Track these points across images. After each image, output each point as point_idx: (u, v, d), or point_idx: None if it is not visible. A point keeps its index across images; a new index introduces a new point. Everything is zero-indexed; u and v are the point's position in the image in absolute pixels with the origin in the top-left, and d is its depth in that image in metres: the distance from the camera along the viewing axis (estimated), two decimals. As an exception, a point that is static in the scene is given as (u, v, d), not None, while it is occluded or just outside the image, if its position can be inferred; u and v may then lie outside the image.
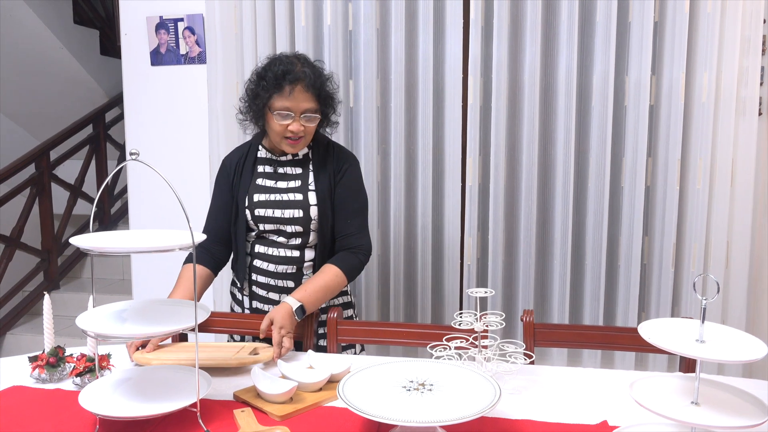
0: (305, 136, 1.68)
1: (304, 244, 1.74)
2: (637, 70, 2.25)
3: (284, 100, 1.63)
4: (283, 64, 1.65)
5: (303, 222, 1.71)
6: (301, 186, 1.73)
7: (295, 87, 1.63)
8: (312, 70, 1.67)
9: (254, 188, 1.74)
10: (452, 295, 2.44)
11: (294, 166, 1.76)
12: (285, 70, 1.64)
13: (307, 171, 1.75)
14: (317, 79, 1.66)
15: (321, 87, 1.67)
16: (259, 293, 1.78)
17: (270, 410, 1.24)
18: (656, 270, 2.31)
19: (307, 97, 1.64)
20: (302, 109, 1.64)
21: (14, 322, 3.78)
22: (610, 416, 1.22)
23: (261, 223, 1.72)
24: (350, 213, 1.75)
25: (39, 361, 1.40)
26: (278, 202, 1.72)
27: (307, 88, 1.64)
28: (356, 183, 1.79)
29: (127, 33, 2.74)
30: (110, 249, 1.12)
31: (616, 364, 2.36)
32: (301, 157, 1.76)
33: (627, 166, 2.30)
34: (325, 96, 1.69)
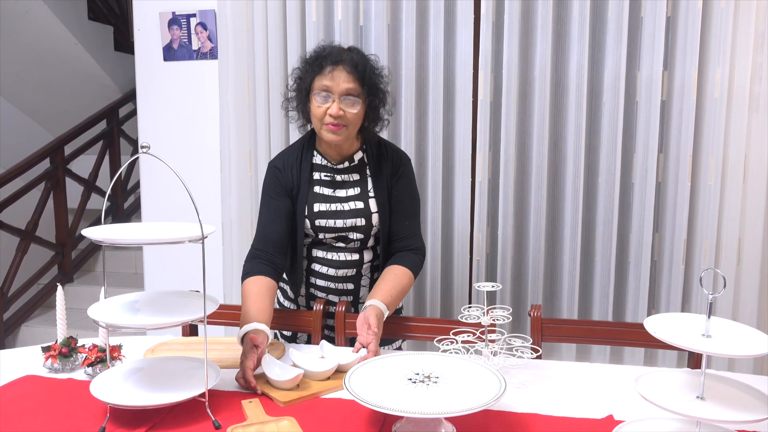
0: (348, 126, 1.59)
1: (363, 248, 1.72)
2: (648, 66, 2.24)
3: (324, 79, 1.57)
4: (328, 48, 1.62)
5: (365, 230, 1.69)
6: (361, 193, 1.69)
7: (336, 67, 1.57)
8: (359, 55, 1.60)
9: (313, 197, 1.68)
10: (461, 290, 2.44)
11: (351, 172, 1.70)
12: (329, 52, 1.60)
13: (365, 177, 1.71)
14: (361, 62, 1.59)
15: (364, 71, 1.58)
16: (318, 295, 1.75)
17: (275, 396, 1.28)
18: (666, 267, 2.30)
19: (348, 78, 1.56)
20: (342, 89, 1.56)
21: (29, 314, 3.83)
22: (615, 411, 1.22)
23: (322, 232, 1.68)
24: (408, 214, 1.74)
25: (52, 351, 1.43)
26: (339, 212, 1.67)
27: (349, 70, 1.57)
28: (411, 183, 1.77)
29: (140, 29, 2.77)
30: (121, 240, 1.13)
31: (626, 360, 2.35)
32: (357, 162, 1.70)
33: (638, 162, 2.29)
34: (370, 82, 1.59)
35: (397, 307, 1.79)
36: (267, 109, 2.54)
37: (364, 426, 1.17)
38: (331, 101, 1.57)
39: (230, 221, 2.61)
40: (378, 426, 1.16)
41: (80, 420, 1.19)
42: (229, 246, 2.62)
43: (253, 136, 2.59)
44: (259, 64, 2.52)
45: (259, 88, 2.54)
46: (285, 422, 1.17)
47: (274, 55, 2.51)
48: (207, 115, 2.72)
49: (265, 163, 2.58)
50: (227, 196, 2.62)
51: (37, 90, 4.53)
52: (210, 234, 1.19)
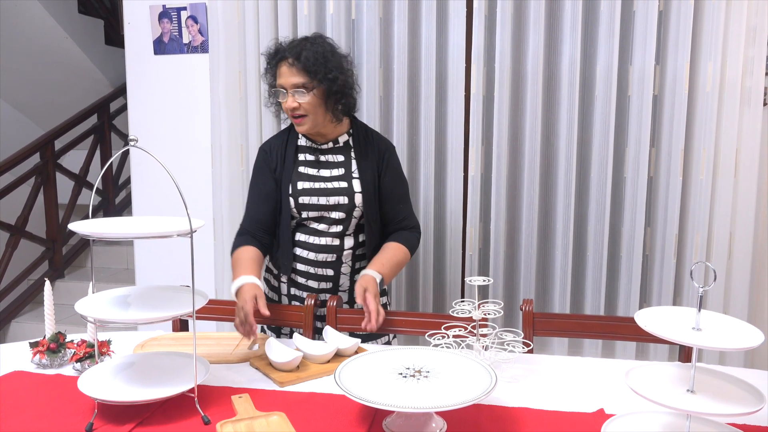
0: (308, 115, 1.67)
1: (344, 233, 1.76)
2: (641, 60, 2.24)
3: (278, 78, 1.68)
4: (281, 45, 1.70)
5: (347, 209, 1.73)
6: (345, 174, 1.75)
7: (283, 63, 1.66)
8: (302, 46, 1.66)
9: (297, 176, 1.75)
10: (454, 284, 2.44)
11: (335, 153, 1.77)
12: (276, 50, 1.69)
13: (349, 158, 1.77)
14: (304, 53, 1.64)
15: (307, 61, 1.63)
16: (299, 280, 1.79)
17: (274, 376, 1.34)
18: (658, 261, 2.31)
19: (292, 71, 1.64)
20: (290, 84, 1.65)
21: (19, 310, 3.81)
22: (606, 404, 1.22)
23: (304, 210, 1.73)
24: (400, 199, 1.82)
25: (40, 347, 1.41)
26: (323, 190, 1.73)
27: (291, 63, 1.64)
28: (399, 169, 1.84)
29: (131, 22, 2.74)
30: (109, 234, 1.12)
31: (617, 354, 2.36)
32: (341, 144, 1.77)
33: (630, 157, 2.29)
34: (314, 69, 1.64)
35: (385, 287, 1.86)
36: (258, 103, 2.53)
37: (354, 421, 1.16)
38: (287, 96, 1.66)
39: (221, 216, 2.59)
40: (368, 421, 1.16)
41: (68, 416, 1.18)
42: (221, 241, 2.61)
43: (244, 130, 2.57)
44: (251, 58, 2.51)
45: (250, 82, 2.52)
46: (275, 417, 1.16)
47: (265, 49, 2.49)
48: (198, 110, 2.71)
49: (256, 157, 2.56)
50: (218, 191, 2.60)
51: (27, 84, 4.49)
52: (199, 228, 1.18)
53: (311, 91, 1.65)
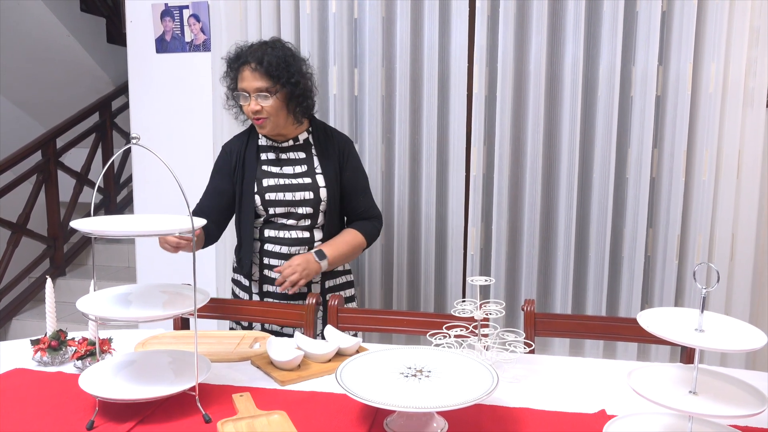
0: (270, 117, 1.73)
1: (313, 225, 1.82)
2: (643, 61, 2.23)
3: (239, 81, 1.73)
4: (241, 50, 1.75)
5: (313, 203, 1.79)
6: (308, 170, 1.81)
7: (245, 67, 1.71)
8: (264, 51, 1.71)
9: (262, 174, 1.80)
10: (455, 284, 2.44)
11: (297, 151, 1.83)
12: (238, 54, 1.74)
13: (310, 155, 1.83)
14: (267, 57, 1.69)
15: (270, 65, 1.69)
16: (272, 277, 1.81)
17: (275, 375, 1.34)
18: (660, 262, 2.30)
19: (256, 76, 1.70)
20: (253, 88, 1.70)
21: (20, 307, 3.81)
22: (608, 405, 1.22)
23: (271, 207, 1.78)
24: (361, 191, 1.89)
25: (41, 345, 1.41)
26: (288, 186, 1.79)
27: (254, 67, 1.70)
28: (359, 162, 1.92)
29: (133, 20, 2.74)
30: (110, 232, 1.12)
31: (618, 355, 2.36)
32: (302, 142, 1.83)
33: (632, 157, 2.29)
34: (276, 73, 1.70)
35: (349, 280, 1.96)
36: (260, 102, 2.53)
37: (355, 420, 1.16)
38: (249, 99, 1.72)
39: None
40: (369, 420, 1.16)
41: (69, 413, 1.18)
42: (222, 239, 2.60)
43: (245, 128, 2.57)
44: (253, 56, 2.50)
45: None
46: (276, 416, 1.16)
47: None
48: (200, 108, 2.70)
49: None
50: (220, 190, 2.60)
51: (29, 82, 4.49)
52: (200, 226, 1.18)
53: (274, 95, 1.71)
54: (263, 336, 1.60)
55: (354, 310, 1.71)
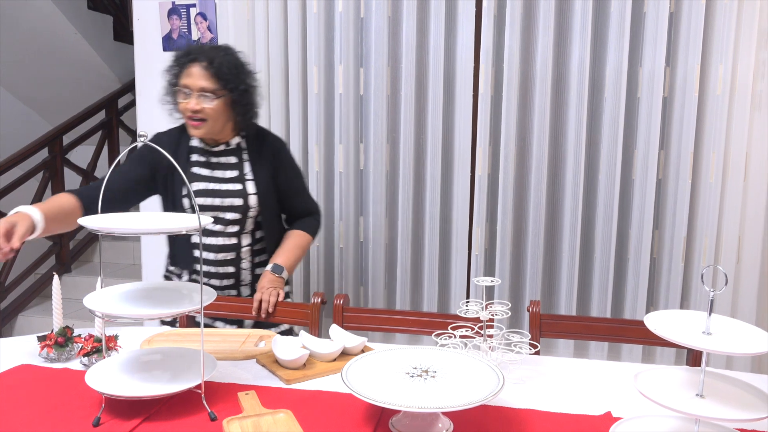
0: (208, 120, 1.68)
1: (241, 232, 1.80)
2: (651, 62, 2.23)
3: (184, 77, 1.68)
4: (191, 48, 1.72)
5: (242, 210, 1.77)
6: (239, 176, 1.78)
7: (193, 65, 1.67)
8: (216, 53, 1.68)
9: (191, 177, 1.77)
10: (459, 285, 2.44)
11: (228, 155, 1.79)
12: (188, 51, 1.70)
13: (242, 160, 1.80)
14: (218, 59, 1.67)
15: (220, 67, 1.66)
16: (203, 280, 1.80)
17: (280, 374, 1.34)
18: (666, 264, 2.29)
19: (204, 75, 1.66)
20: (198, 86, 1.66)
21: (26, 303, 3.83)
22: (614, 407, 1.21)
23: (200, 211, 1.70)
24: (297, 191, 1.89)
25: (47, 341, 1.42)
26: (217, 191, 1.76)
27: (204, 68, 1.66)
28: (293, 163, 1.89)
29: (140, 18, 2.75)
30: (117, 230, 1.12)
31: (623, 357, 2.35)
32: (234, 146, 1.79)
33: (639, 159, 2.28)
34: (225, 77, 1.67)
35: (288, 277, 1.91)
36: (267, 100, 2.53)
37: (361, 420, 1.16)
38: (190, 97, 1.67)
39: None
40: (375, 420, 1.16)
41: (75, 410, 1.18)
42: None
43: (252, 127, 2.57)
44: (260, 55, 2.51)
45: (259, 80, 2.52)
46: (281, 415, 1.16)
47: (274, 47, 2.49)
48: (206, 106, 2.70)
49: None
50: (226, 188, 2.60)
51: (36, 79, 4.50)
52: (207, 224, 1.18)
53: (219, 98, 1.68)
54: (269, 335, 1.60)
55: (359, 310, 1.71)
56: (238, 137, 1.80)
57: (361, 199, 2.51)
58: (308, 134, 2.49)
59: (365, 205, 2.49)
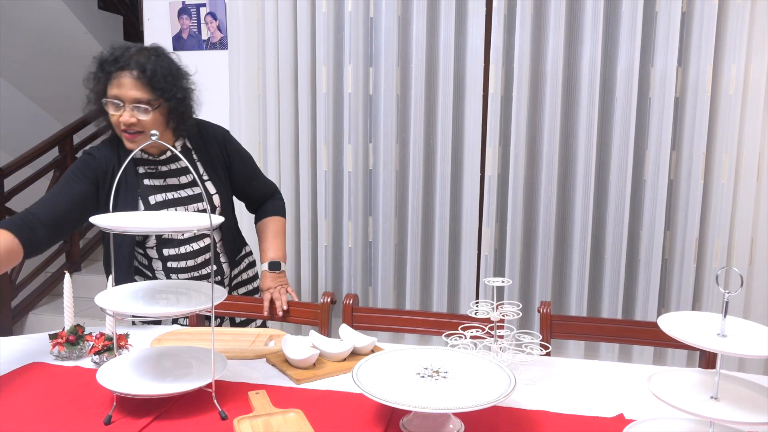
0: (145, 132, 1.54)
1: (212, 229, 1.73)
2: (663, 62, 2.21)
3: (113, 88, 1.52)
4: (118, 51, 1.53)
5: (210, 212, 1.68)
6: (194, 179, 1.67)
7: (123, 74, 1.50)
8: (147, 59, 1.52)
9: (145, 190, 1.63)
10: (469, 285, 2.43)
11: (176, 161, 1.67)
12: (115, 57, 1.52)
13: (193, 162, 1.69)
14: (150, 66, 1.51)
15: (153, 76, 1.51)
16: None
17: (291, 373, 1.34)
18: (678, 265, 2.28)
19: (135, 84, 1.50)
20: (131, 98, 1.51)
21: (37, 302, 3.85)
22: (626, 409, 1.20)
23: None
24: (255, 174, 1.85)
25: (59, 339, 1.42)
26: (179, 200, 1.66)
27: (135, 76, 1.50)
28: (241, 148, 1.81)
29: (150, 18, 2.76)
30: (129, 228, 1.12)
31: (634, 358, 2.34)
32: (180, 149, 1.67)
33: (650, 159, 2.27)
34: (161, 86, 1.52)
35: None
36: (277, 100, 2.53)
37: (371, 420, 1.15)
38: (123, 109, 1.52)
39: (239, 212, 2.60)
40: (386, 420, 1.15)
41: (86, 408, 1.18)
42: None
43: (262, 127, 2.58)
44: (270, 55, 2.51)
45: (269, 79, 2.53)
46: (291, 414, 1.16)
47: (284, 46, 2.50)
48: (216, 106, 2.71)
49: (274, 153, 2.57)
50: (235, 187, 2.61)
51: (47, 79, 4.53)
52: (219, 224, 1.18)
53: (155, 108, 1.53)
54: (278, 334, 1.60)
55: (368, 309, 1.71)
56: (181, 139, 1.68)
57: (370, 198, 2.51)
58: (317, 133, 2.49)
59: (374, 205, 2.49)
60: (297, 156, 2.56)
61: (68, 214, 1.53)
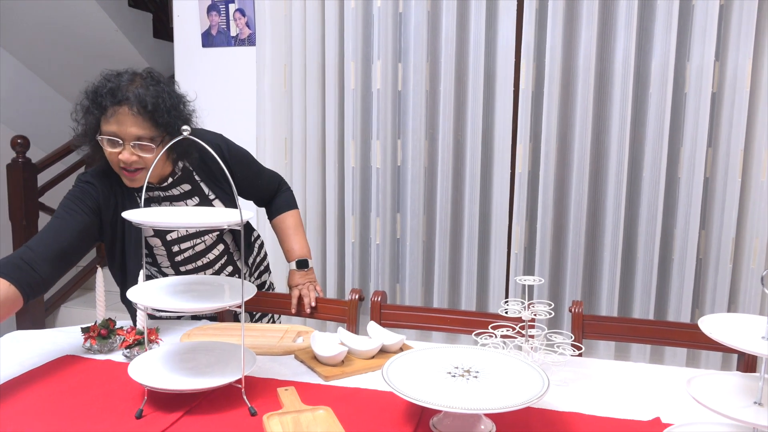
0: (146, 168, 1.42)
1: (222, 234, 1.69)
2: (699, 56, 2.15)
3: (110, 124, 1.39)
4: (112, 82, 1.40)
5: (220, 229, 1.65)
6: (201, 200, 1.60)
7: (120, 108, 1.37)
8: (146, 90, 1.39)
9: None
10: (498, 283, 2.40)
11: (179, 185, 1.57)
12: (110, 89, 1.39)
13: (196, 184, 1.60)
14: (151, 99, 1.38)
15: (155, 110, 1.38)
16: None
17: (319, 370, 1.33)
18: (713, 265, 2.22)
19: (137, 121, 1.38)
20: (131, 135, 1.38)
21: (68, 295, 3.91)
22: (662, 413, 1.17)
23: (175, 244, 1.59)
24: (259, 173, 1.79)
25: (91, 333, 1.44)
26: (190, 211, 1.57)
27: (136, 112, 1.37)
28: (240, 151, 1.70)
29: (180, 15, 2.78)
30: (160, 223, 1.13)
31: (666, 360, 2.29)
32: (180, 173, 1.57)
33: (685, 156, 2.21)
34: (164, 121, 1.40)
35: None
36: (303, 96, 2.53)
37: (401, 418, 1.14)
38: (122, 147, 1.40)
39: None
40: (416, 419, 1.14)
41: (118, 401, 1.19)
42: (263, 233, 2.62)
43: (288, 123, 2.58)
44: (297, 51, 2.51)
45: (295, 76, 2.53)
46: (321, 412, 1.15)
47: (311, 42, 2.49)
48: (244, 102, 2.73)
49: (300, 149, 2.57)
50: (263, 184, 2.62)
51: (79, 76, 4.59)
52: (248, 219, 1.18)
53: (158, 144, 1.41)
54: (306, 330, 1.59)
55: (397, 307, 1.69)
56: (180, 162, 1.57)
57: (398, 195, 2.49)
58: (345, 130, 2.49)
59: (402, 202, 2.47)
60: (324, 152, 2.56)
61: (72, 246, 1.43)
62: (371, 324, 1.53)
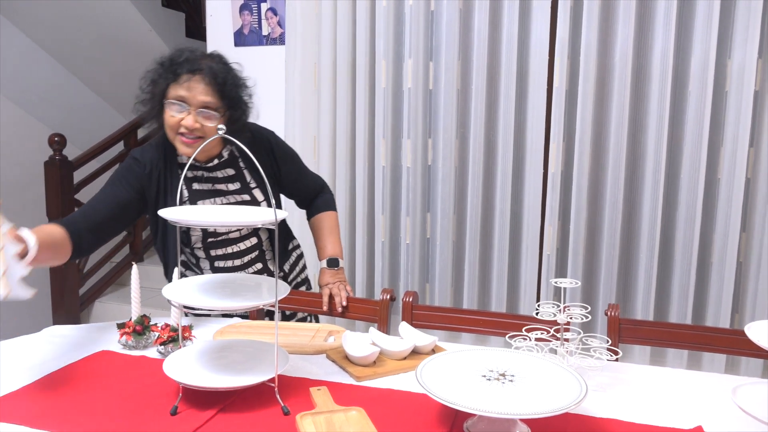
0: (204, 137, 1.49)
1: (257, 229, 1.71)
2: (741, 53, 2.09)
3: (180, 89, 1.47)
4: (187, 53, 1.50)
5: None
6: (243, 187, 1.65)
7: (194, 76, 1.47)
8: (219, 65, 1.51)
9: (194, 195, 1.61)
10: (529, 285, 2.37)
11: (224, 168, 1.64)
12: (186, 58, 1.49)
13: (240, 170, 1.66)
14: (222, 73, 1.49)
15: (225, 83, 1.49)
16: None
17: (351, 370, 1.33)
18: (754, 269, 2.15)
19: (206, 90, 1.47)
20: (199, 102, 1.47)
21: (103, 290, 3.99)
22: (704, 421, 1.13)
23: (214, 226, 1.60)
24: (303, 173, 1.83)
25: (126, 329, 1.46)
26: (227, 206, 1.58)
27: (207, 81, 1.47)
28: (287, 149, 1.78)
29: (212, 14, 2.81)
30: (194, 221, 1.13)
31: (704, 366, 2.23)
32: (226, 157, 1.64)
33: (725, 157, 2.15)
34: (230, 95, 1.51)
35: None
36: (333, 95, 2.53)
37: (434, 421, 1.13)
38: (187, 112, 1.48)
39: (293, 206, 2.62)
40: (449, 422, 1.12)
41: (153, 397, 1.20)
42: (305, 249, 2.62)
43: (316, 121, 2.58)
44: (326, 49, 2.51)
45: (324, 74, 2.53)
46: (353, 412, 1.15)
47: (341, 41, 2.49)
48: (273, 100, 2.74)
49: (329, 148, 2.57)
50: (293, 182, 2.63)
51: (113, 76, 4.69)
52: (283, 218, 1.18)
53: (222, 116, 1.51)
54: (338, 330, 1.59)
55: (428, 308, 1.68)
56: (228, 146, 1.65)
57: (428, 194, 2.48)
58: (375, 128, 2.48)
59: (433, 201, 2.46)
60: (353, 151, 2.56)
61: (108, 219, 1.53)
62: (403, 324, 1.52)
